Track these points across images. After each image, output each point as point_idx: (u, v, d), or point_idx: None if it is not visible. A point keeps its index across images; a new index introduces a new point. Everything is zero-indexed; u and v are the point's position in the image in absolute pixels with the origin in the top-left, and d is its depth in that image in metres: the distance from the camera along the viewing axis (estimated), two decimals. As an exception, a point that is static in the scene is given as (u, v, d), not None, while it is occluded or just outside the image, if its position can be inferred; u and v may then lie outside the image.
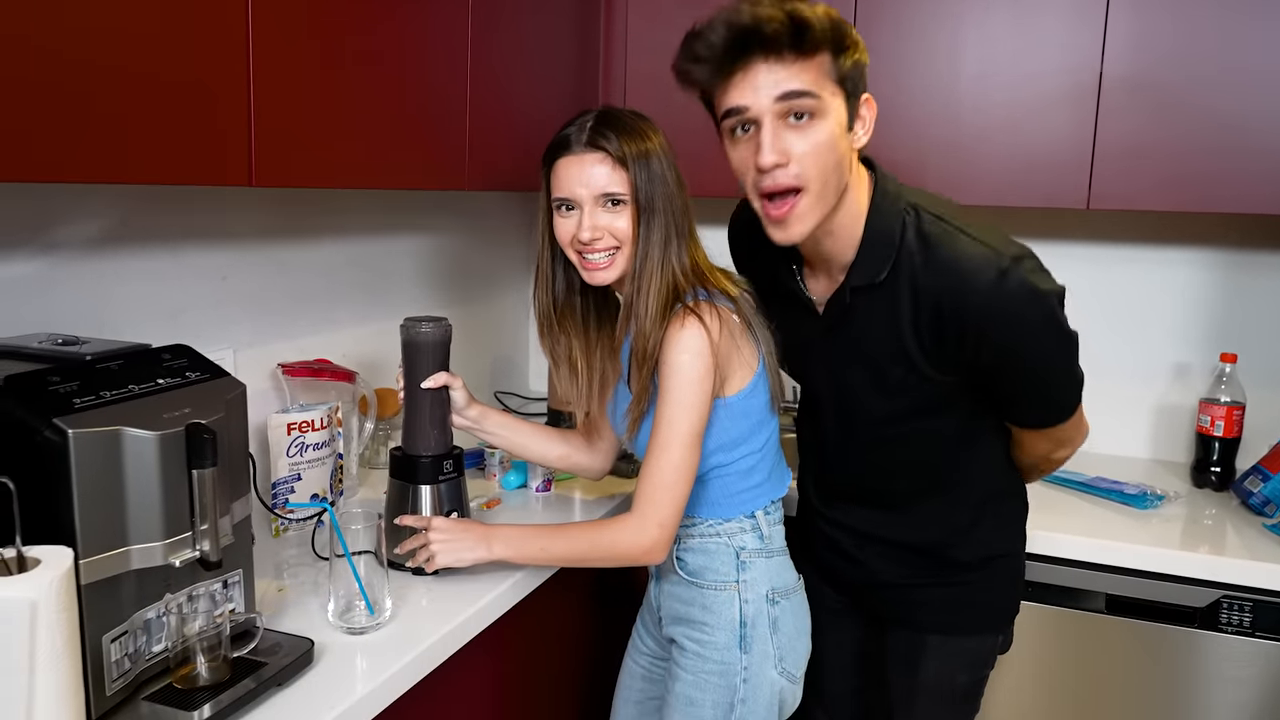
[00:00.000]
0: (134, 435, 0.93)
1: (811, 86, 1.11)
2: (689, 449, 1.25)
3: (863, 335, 1.27)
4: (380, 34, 1.35)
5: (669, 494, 1.25)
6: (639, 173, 1.26)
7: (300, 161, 1.23)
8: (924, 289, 1.18)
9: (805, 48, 1.10)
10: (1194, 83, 1.71)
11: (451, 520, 1.36)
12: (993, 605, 1.43)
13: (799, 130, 1.12)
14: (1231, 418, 1.90)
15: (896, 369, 1.25)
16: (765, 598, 1.32)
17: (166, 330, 1.47)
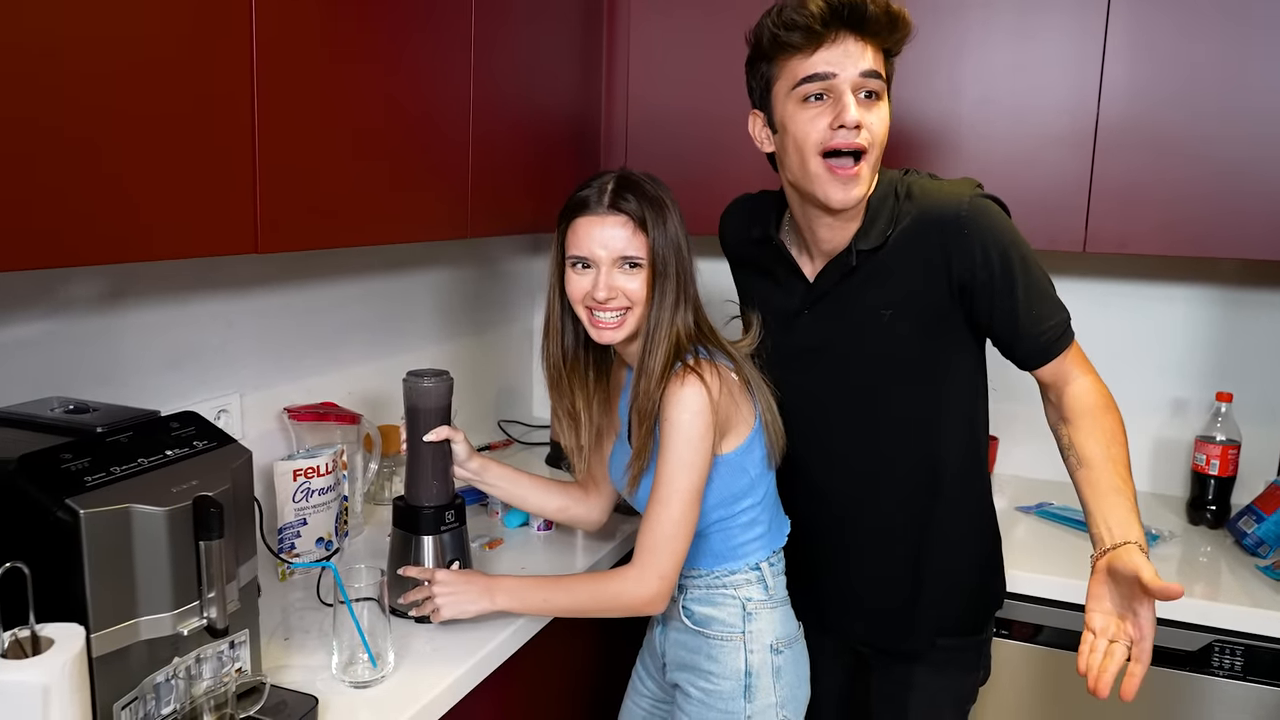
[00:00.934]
0: (143, 512, 0.96)
1: (883, 70, 1.26)
2: (689, 505, 1.28)
3: (854, 291, 1.35)
4: (383, 98, 1.38)
5: (669, 547, 1.28)
6: (657, 237, 1.29)
7: (305, 225, 1.26)
8: (924, 224, 1.30)
9: (889, 40, 1.26)
10: (1190, 126, 1.73)
11: (454, 572, 1.39)
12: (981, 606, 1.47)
13: (867, 106, 1.26)
14: (1227, 456, 1.92)
15: (885, 327, 1.33)
16: (770, 648, 1.36)
17: (173, 379, 1.51)
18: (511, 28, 1.69)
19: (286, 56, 1.19)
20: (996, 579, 1.50)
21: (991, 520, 1.48)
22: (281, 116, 1.19)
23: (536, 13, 1.78)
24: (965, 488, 1.43)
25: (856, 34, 1.24)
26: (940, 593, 1.43)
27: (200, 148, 1.09)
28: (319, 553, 1.57)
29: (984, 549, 1.48)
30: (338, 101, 1.29)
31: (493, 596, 1.35)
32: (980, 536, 1.47)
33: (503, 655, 1.39)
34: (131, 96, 0.99)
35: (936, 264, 1.30)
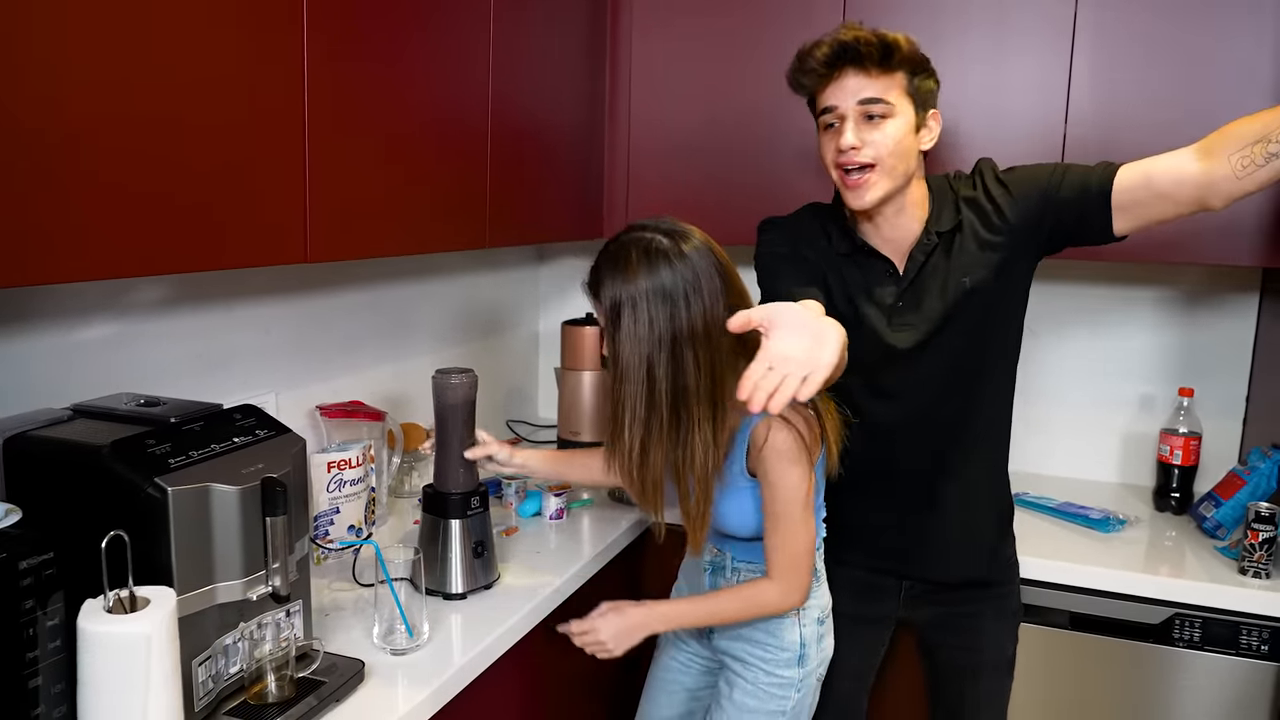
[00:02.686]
0: (219, 490, 1.10)
1: (886, 95, 1.45)
2: (807, 518, 1.40)
3: (939, 272, 1.53)
4: (414, 118, 1.52)
5: (804, 560, 1.41)
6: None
7: (348, 237, 1.40)
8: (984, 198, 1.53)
9: (888, 65, 1.45)
10: (1151, 145, 1.86)
11: (609, 615, 1.49)
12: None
13: (873, 126, 1.46)
14: (1189, 447, 2.06)
15: (966, 279, 1.51)
16: (817, 620, 1.52)
17: (219, 379, 1.64)
18: (524, 42, 1.83)
19: (333, 87, 1.33)
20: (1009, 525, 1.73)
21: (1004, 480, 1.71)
22: (328, 139, 1.33)
23: (546, 29, 1.93)
24: (1003, 428, 1.66)
25: (856, 68, 1.45)
26: (1000, 524, 1.68)
27: (261, 167, 1.22)
28: (350, 539, 1.70)
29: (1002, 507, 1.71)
30: (376, 123, 1.43)
31: (649, 626, 1.49)
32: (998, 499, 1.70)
33: (528, 625, 1.53)
34: (200, 134, 1.13)
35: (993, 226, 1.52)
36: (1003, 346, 1.60)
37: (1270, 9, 1.77)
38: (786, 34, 2.04)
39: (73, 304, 1.39)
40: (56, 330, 1.37)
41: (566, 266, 2.73)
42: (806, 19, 2.03)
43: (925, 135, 1.52)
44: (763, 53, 2.09)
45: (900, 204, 1.53)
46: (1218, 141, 1.35)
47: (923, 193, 1.56)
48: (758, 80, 2.09)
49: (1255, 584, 1.71)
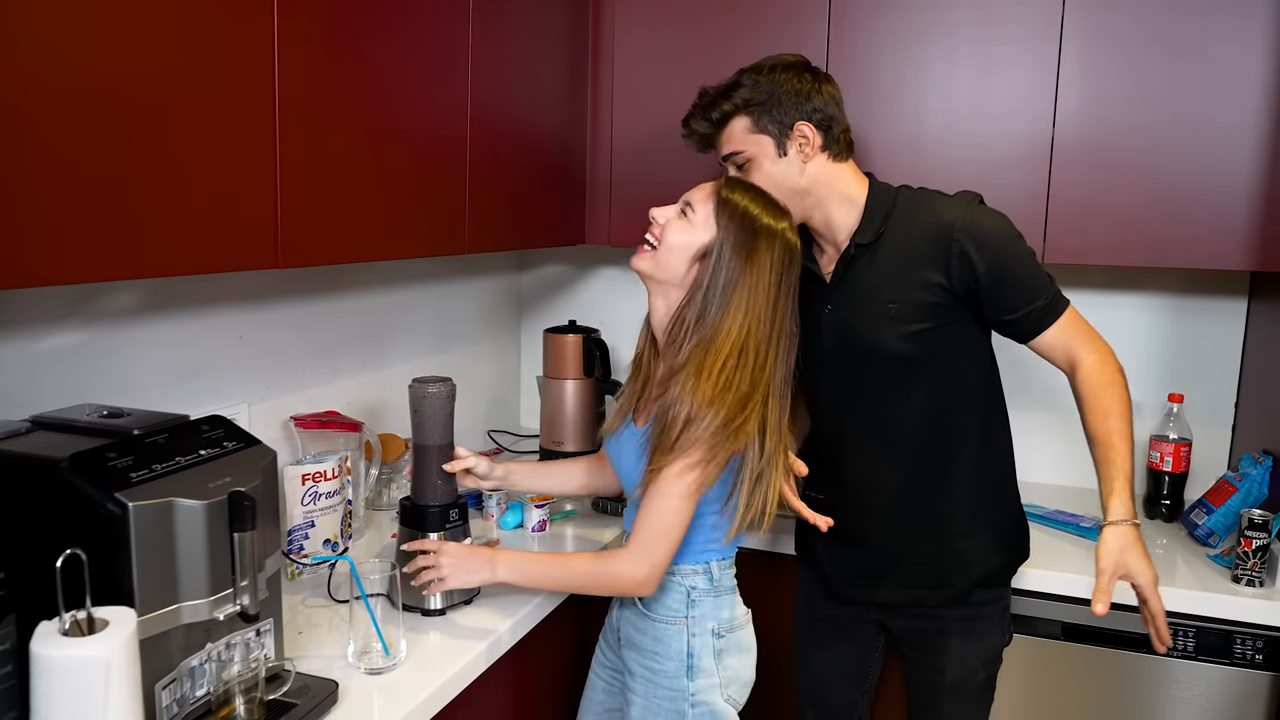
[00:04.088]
0: (184, 505, 1.05)
1: (737, 146, 1.57)
2: (689, 501, 1.35)
3: (866, 284, 1.54)
4: (390, 121, 1.47)
5: (666, 538, 1.36)
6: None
7: (321, 242, 1.35)
8: (919, 230, 1.52)
9: (723, 124, 1.58)
10: (1138, 146, 1.86)
11: (458, 544, 1.48)
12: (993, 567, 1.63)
13: (744, 171, 1.58)
14: (1179, 454, 2.04)
15: (891, 305, 1.51)
16: (712, 632, 1.45)
17: (190, 389, 1.59)
18: (503, 45, 1.80)
19: (305, 86, 1.28)
20: (1022, 531, 1.68)
21: (1011, 477, 1.65)
22: (300, 138, 1.28)
23: (527, 33, 1.89)
24: (980, 455, 1.59)
25: (712, 141, 1.61)
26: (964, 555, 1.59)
27: (227, 169, 1.18)
28: (326, 553, 1.65)
29: (1008, 508, 1.65)
30: (350, 125, 1.39)
31: (494, 568, 1.43)
32: (994, 505, 1.63)
33: (508, 643, 1.48)
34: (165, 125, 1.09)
35: (936, 269, 1.49)
36: (951, 363, 1.55)
37: (1261, 9, 1.76)
38: (771, 40, 2.01)
39: (36, 311, 1.34)
40: (19, 339, 1.32)
41: (549, 274, 2.69)
42: (790, 25, 2.00)
43: (797, 150, 1.54)
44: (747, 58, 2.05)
45: (826, 219, 1.57)
46: (1084, 408, 1.52)
47: (848, 200, 1.57)
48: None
49: (1249, 592, 1.69)
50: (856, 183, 1.58)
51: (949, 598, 1.59)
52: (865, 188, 1.58)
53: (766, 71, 1.56)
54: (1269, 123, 1.78)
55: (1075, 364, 1.52)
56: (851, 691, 1.73)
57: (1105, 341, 1.54)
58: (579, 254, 2.63)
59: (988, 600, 1.62)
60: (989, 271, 1.47)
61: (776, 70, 1.56)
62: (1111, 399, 1.48)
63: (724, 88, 1.58)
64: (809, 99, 1.54)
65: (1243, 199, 1.81)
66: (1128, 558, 1.41)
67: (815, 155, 1.55)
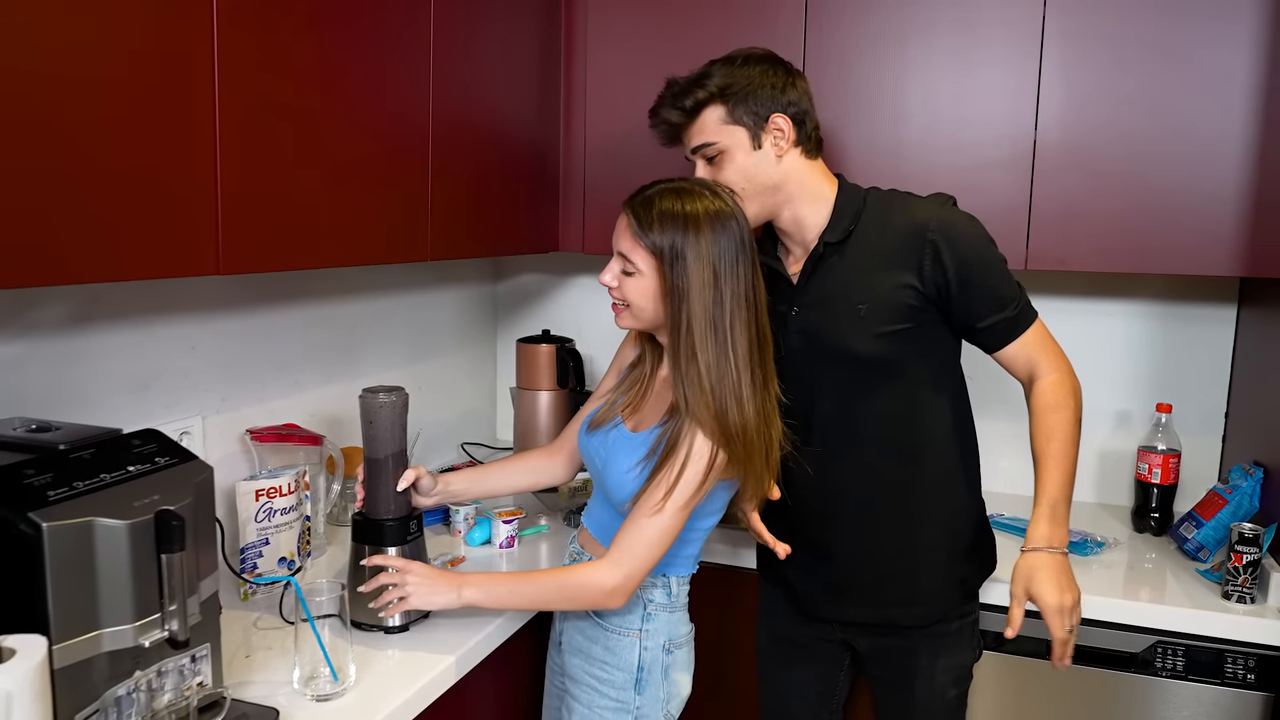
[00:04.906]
0: (105, 525, 0.99)
1: (709, 138, 1.50)
2: (678, 519, 1.33)
3: (835, 285, 1.50)
4: (344, 120, 1.42)
5: (647, 552, 1.33)
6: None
7: (266, 247, 1.29)
8: (891, 230, 1.47)
9: (696, 114, 1.51)
10: (1121, 150, 1.80)
11: (428, 565, 1.43)
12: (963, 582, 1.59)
13: (716, 165, 1.52)
14: (1168, 465, 1.98)
15: (861, 305, 1.47)
16: (662, 647, 1.42)
17: (137, 402, 1.53)
18: (468, 42, 1.74)
19: (247, 81, 1.22)
20: (988, 541, 1.64)
21: (976, 487, 1.60)
22: (242, 138, 1.22)
23: (493, 31, 1.84)
24: (946, 463, 1.54)
25: (680, 132, 1.55)
26: (935, 567, 1.54)
27: (162, 168, 1.12)
28: (281, 572, 1.58)
29: (974, 518, 1.60)
30: (298, 123, 1.33)
31: (460, 590, 1.37)
32: (964, 513, 1.58)
33: (464, 668, 1.42)
34: (93, 118, 1.03)
35: (908, 270, 1.45)
36: (918, 366, 1.51)
37: (1248, 11, 1.71)
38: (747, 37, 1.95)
39: (-34, 321, 1.28)
40: (-52, 350, 1.26)
41: (525, 283, 2.63)
42: (769, 27, 1.95)
43: (772, 143, 1.50)
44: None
45: (792, 214, 1.53)
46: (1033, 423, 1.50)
47: (818, 198, 1.53)
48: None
49: (1240, 609, 1.63)
50: (826, 181, 1.55)
51: (921, 615, 1.54)
52: (835, 187, 1.54)
53: (740, 63, 1.51)
54: (1256, 125, 1.73)
55: (1034, 379, 1.50)
56: (819, 712, 1.67)
57: (1067, 360, 1.52)
58: (556, 263, 2.57)
59: (958, 615, 1.57)
60: (959, 273, 1.43)
61: (751, 62, 1.51)
62: (1057, 422, 1.47)
63: (696, 76, 1.52)
64: (784, 92, 1.50)
65: (1230, 203, 1.76)
66: (1034, 583, 1.43)
67: (789, 150, 1.50)
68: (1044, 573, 1.43)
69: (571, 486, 2.12)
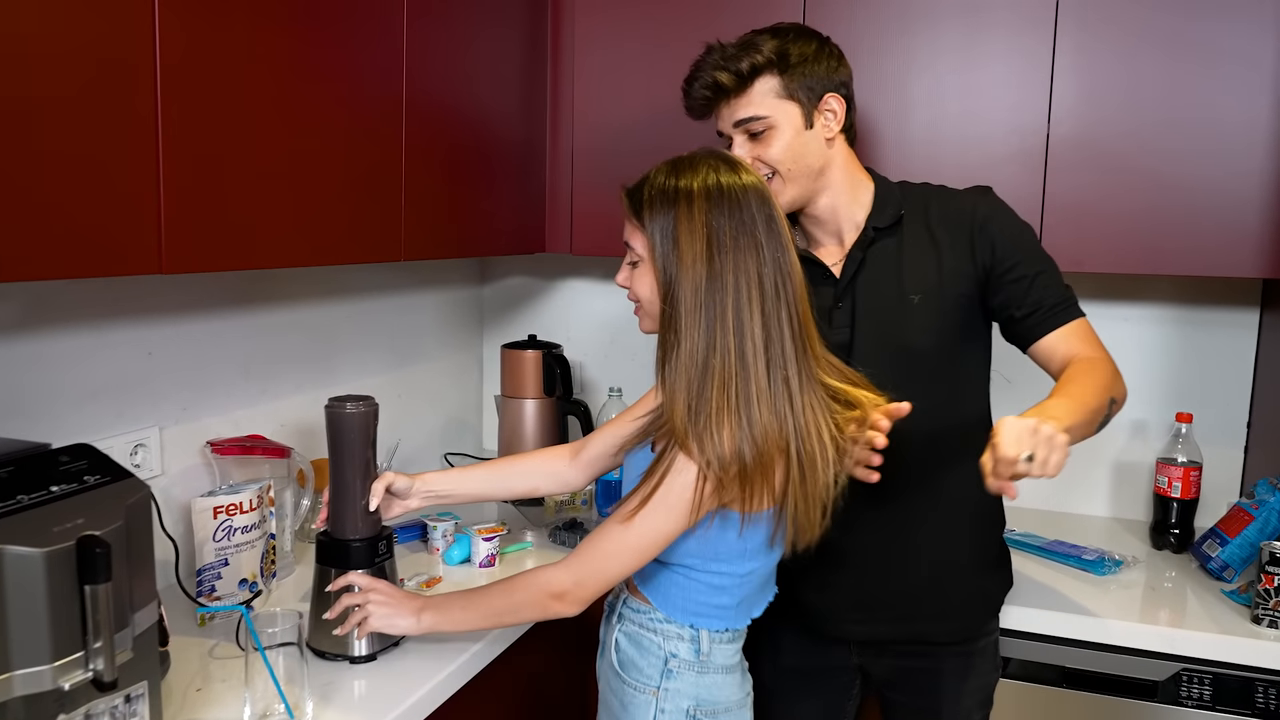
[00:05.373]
0: (17, 554, 0.88)
1: (757, 111, 1.39)
2: (649, 544, 1.17)
3: (886, 274, 1.41)
4: (305, 109, 1.31)
5: (604, 563, 1.19)
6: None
7: (216, 245, 1.19)
8: (937, 217, 1.41)
9: (749, 82, 1.39)
10: (1139, 144, 1.70)
11: (393, 585, 1.32)
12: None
13: (760, 141, 1.40)
14: (1189, 479, 1.88)
15: (914, 295, 1.38)
16: (686, 712, 1.23)
17: (88, 412, 1.42)
18: (448, 40, 1.64)
19: (193, 64, 1.12)
20: (1007, 555, 1.55)
21: (999, 504, 1.51)
22: (189, 119, 1.12)
23: (474, 16, 1.73)
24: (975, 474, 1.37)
25: (725, 100, 1.42)
26: (966, 579, 1.45)
27: (97, 158, 1.01)
28: (242, 595, 1.47)
29: (999, 527, 1.52)
30: (253, 112, 1.22)
31: (420, 614, 1.27)
32: (992, 522, 1.50)
33: (436, 701, 1.31)
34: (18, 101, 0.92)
35: (959, 255, 1.37)
36: (963, 360, 1.43)
37: (1274, -5, 1.61)
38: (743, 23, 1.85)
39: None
40: None
41: (512, 285, 2.52)
42: (767, 10, 1.84)
43: (824, 123, 1.41)
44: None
45: (831, 201, 1.44)
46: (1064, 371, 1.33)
47: (859, 186, 1.45)
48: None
49: (1270, 634, 1.52)
50: (863, 171, 1.48)
51: (952, 630, 1.44)
52: (870, 177, 1.47)
53: (792, 35, 1.40)
54: (1283, 117, 1.63)
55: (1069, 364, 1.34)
56: None
57: (1109, 356, 1.38)
58: (544, 265, 2.47)
59: (983, 632, 1.48)
60: (1007, 256, 1.36)
61: (803, 36, 1.41)
62: (1081, 369, 1.28)
63: (746, 41, 1.41)
64: (837, 72, 1.42)
65: (1255, 201, 1.66)
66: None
67: (837, 133, 1.42)
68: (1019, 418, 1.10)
69: (558, 500, 2.02)
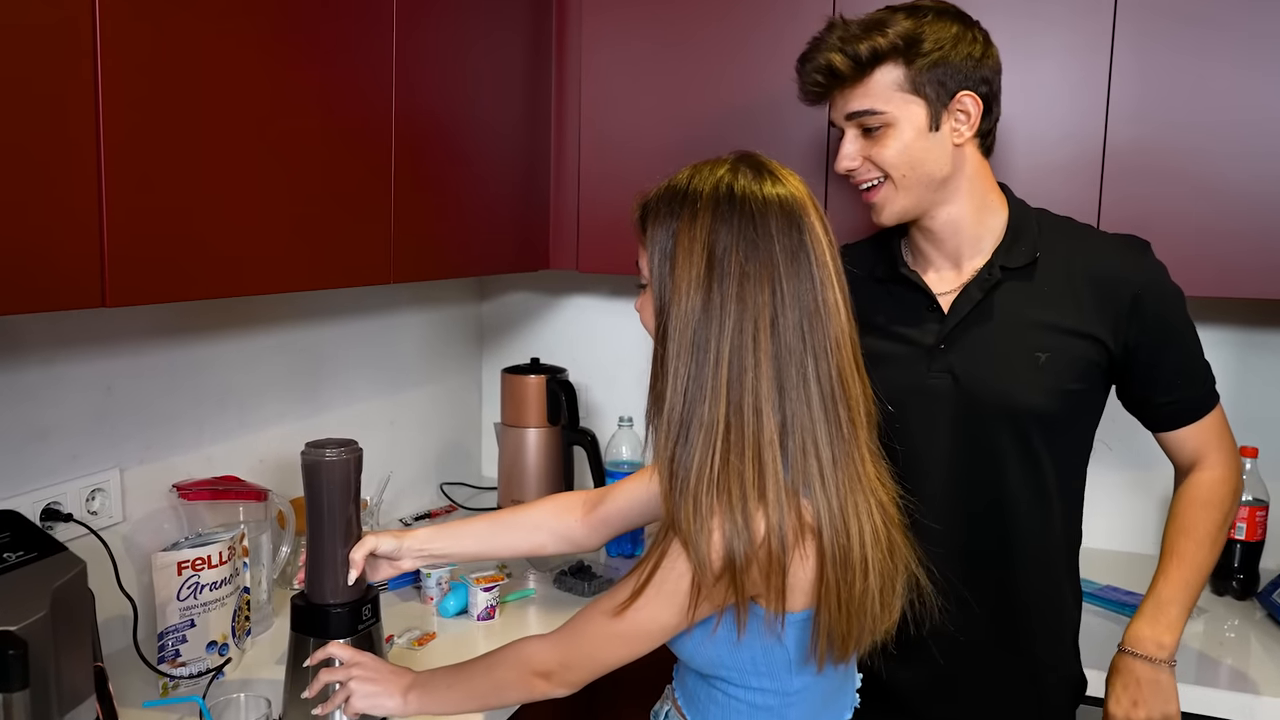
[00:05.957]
0: (-93, 661, 0.72)
1: (875, 104, 1.22)
2: (646, 637, 1.00)
3: (1009, 322, 1.24)
4: (278, 113, 1.15)
5: (592, 649, 1.02)
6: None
7: (173, 272, 1.03)
8: (1081, 267, 1.23)
9: (869, 69, 1.21)
10: (1207, 154, 1.54)
11: (381, 661, 1.16)
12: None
13: (874, 139, 1.23)
14: (1255, 519, 1.71)
15: (1041, 354, 1.22)
16: None
17: (36, 455, 1.26)
18: (442, 43, 1.48)
19: (141, 68, 0.96)
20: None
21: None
22: (136, 139, 0.96)
23: (472, 26, 1.57)
24: (1069, 556, 1.32)
25: (840, 87, 1.25)
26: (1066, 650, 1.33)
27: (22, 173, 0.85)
28: (210, 659, 1.31)
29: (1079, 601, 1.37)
30: (216, 123, 1.06)
31: (405, 696, 1.11)
32: (1077, 590, 1.36)
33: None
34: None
35: (1100, 321, 1.21)
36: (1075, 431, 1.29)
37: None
38: (770, 38, 1.72)
39: None
40: None
41: (513, 303, 2.36)
42: (791, 18, 1.69)
43: (954, 126, 1.23)
44: (740, 58, 1.75)
45: (952, 217, 1.26)
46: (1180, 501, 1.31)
47: (989, 206, 1.27)
48: (732, 90, 1.76)
49: (1360, 701, 1.36)
50: (997, 190, 1.29)
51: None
52: (1004, 199, 1.29)
53: (931, 16, 1.21)
54: (1367, 124, 1.47)
55: (1195, 468, 1.30)
56: None
57: (1238, 454, 1.32)
58: (548, 280, 2.31)
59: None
60: (1159, 338, 1.22)
61: (944, 18, 1.22)
62: (1201, 520, 1.27)
63: (873, 19, 1.22)
64: (980, 64, 1.22)
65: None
66: (1109, 686, 1.21)
67: (969, 139, 1.24)
68: (1124, 679, 1.19)
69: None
